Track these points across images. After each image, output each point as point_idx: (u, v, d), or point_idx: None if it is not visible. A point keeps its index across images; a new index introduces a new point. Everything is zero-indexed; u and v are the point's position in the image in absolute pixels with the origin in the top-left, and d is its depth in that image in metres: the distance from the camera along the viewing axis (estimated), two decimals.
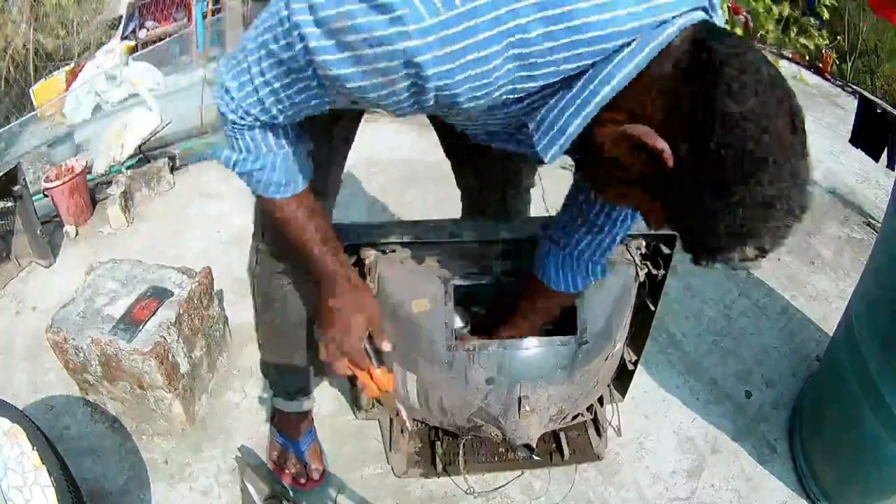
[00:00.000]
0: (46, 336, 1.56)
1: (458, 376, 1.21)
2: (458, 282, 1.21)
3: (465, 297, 1.33)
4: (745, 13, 2.48)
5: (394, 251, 1.25)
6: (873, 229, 2.41)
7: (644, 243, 1.38)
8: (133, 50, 3.22)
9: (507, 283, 1.26)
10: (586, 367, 1.31)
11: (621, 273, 1.33)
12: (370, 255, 1.24)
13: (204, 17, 4.04)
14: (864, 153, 2.23)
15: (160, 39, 3.62)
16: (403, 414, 1.09)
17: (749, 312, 2.05)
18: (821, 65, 3.53)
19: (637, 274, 1.37)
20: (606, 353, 1.36)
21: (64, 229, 2.31)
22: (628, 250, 1.37)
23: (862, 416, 1.33)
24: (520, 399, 1.20)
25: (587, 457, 1.58)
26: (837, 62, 3.61)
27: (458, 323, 1.34)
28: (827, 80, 3.63)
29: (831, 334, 1.64)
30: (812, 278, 2.22)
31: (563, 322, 1.27)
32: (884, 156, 2.08)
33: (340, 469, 1.55)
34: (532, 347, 1.21)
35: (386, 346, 1.03)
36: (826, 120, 3.58)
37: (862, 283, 1.49)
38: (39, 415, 1.66)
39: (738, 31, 2.36)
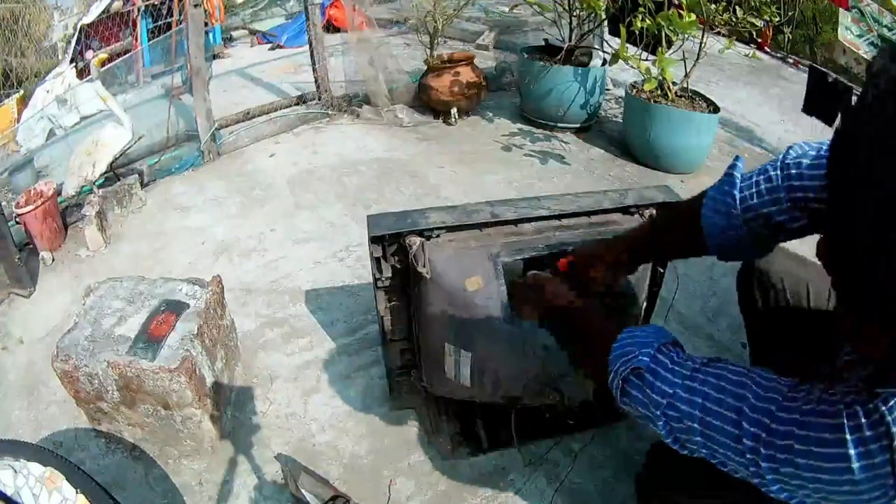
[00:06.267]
0: (53, 366, 1.36)
1: (516, 347, 1.15)
2: (505, 258, 1.15)
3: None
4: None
5: (437, 236, 1.17)
6: None
7: (655, 211, 1.38)
8: (82, 72, 2.91)
9: (548, 255, 1.21)
10: (624, 325, 1.28)
11: None
12: (415, 241, 1.15)
13: (159, 31, 3.72)
14: (817, 120, 2.33)
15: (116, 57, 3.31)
16: None
17: (729, 273, 2.10)
18: (760, 40, 3.63)
19: None
20: (637, 310, 1.35)
21: (40, 256, 2.04)
22: (642, 217, 1.36)
23: None
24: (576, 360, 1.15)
25: (617, 416, 1.56)
26: (773, 34, 3.71)
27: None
28: (767, 53, 3.74)
29: None
30: None
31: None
32: (837, 121, 2.17)
33: (386, 460, 1.45)
34: None
35: None
36: (772, 91, 3.78)
37: None
38: None
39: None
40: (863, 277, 0.50)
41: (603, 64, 3.11)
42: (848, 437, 0.57)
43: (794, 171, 0.81)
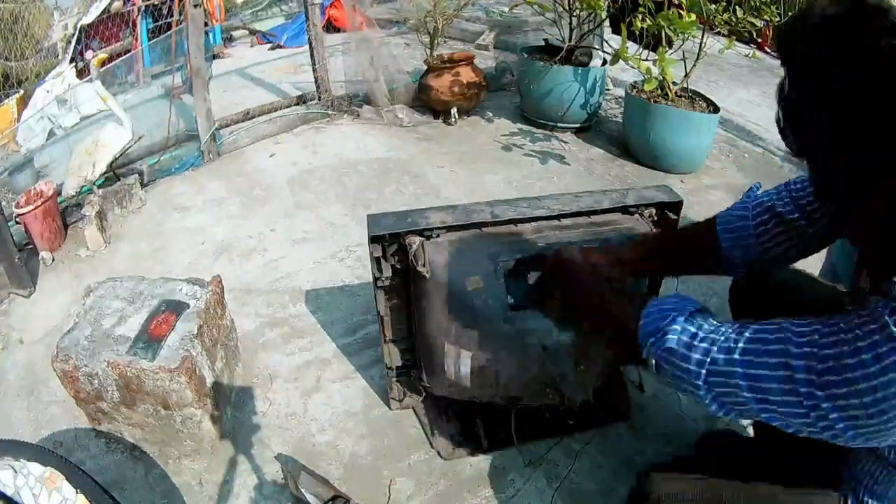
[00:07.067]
0: (53, 366, 1.36)
1: (516, 347, 1.15)
2: (505, 258, 1.15)
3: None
4: None
5: (437, 236, 1.17)
6: None
7: (654, 210, 1.38)
8: (82, 72, 2.92)
9: (548, 256, 1.21)
10: None
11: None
12: (415, 241, 1.16)
13: (159, 31, 3.73)
14: None
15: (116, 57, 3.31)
16: None
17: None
18: (759, 40, 3.64)
19: None
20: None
21: (40, 256, 2.04)
22: (642, 217, 1.36)
23: None
24: (576, 359, 1.16)
25: (617, 416, 1.56)
26: (773, 34, 3.73)
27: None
28: (767, 53, 3.75)
29: None
30: None
31: None
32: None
33: (386, 460, 1.45)
34: None
35: None
36: (772, 92, 3.76)
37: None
38: None
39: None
40: None
41: (603, 64, 3.11)
42: None
43: (792, 180, 1.00)
